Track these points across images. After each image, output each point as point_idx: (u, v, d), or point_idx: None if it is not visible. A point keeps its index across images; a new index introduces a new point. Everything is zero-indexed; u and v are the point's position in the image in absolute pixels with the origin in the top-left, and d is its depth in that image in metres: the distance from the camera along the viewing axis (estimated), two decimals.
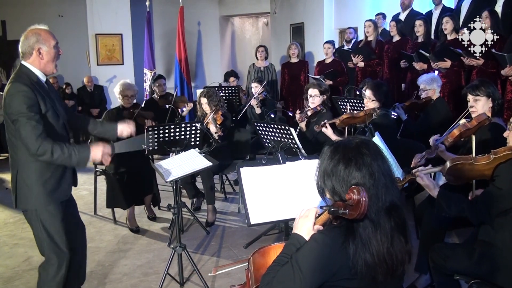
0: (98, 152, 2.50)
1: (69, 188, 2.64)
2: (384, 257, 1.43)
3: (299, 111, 4.34)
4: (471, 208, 2.28)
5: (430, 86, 4.50)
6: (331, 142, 1.58)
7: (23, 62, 2.48)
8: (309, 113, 4.23)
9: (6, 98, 2.36)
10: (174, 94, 5.60)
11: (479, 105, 2.98)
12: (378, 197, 1.44)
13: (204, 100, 4.64)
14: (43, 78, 2.52)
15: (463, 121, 2.99)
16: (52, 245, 2.53)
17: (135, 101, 4.51)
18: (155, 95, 5.88)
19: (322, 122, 3.85)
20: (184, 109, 5.37)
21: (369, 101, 3.83)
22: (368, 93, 3.84)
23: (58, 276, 2.56)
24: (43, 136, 2.34)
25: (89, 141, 4.23)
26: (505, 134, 2.40)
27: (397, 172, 2.80)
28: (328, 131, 3.83)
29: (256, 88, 5.59)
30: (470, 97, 3.05)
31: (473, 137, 2.76)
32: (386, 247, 1.44)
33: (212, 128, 4.46)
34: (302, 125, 4.28)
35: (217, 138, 4.46)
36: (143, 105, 4.99)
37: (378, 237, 1.43)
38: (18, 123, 2.33)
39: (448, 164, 2.40)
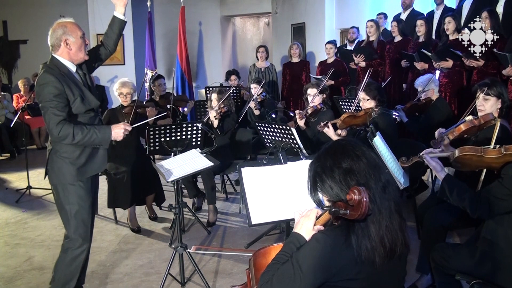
0: (119, 130, 2.65)
1: (102, 163, 2.75)
2: (382, 237, 1.44)
3: (299, 111, 4.33)
4: (472, 200, 2.27)
5: (428, 87, 4.51)
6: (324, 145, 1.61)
7: (53, 54, 2.61)
8: (309, 111, 4.22)
9: (36, 88, 2.53)
10: (173, 94, 5.59)
11: (488, 105, 2.93)
12: (375, 180, 1.47)
13: (214, 96, 4.74)
14: (73, 68, 2.64)
15: (470, 117, 2.96)
16: (76, 225, 2.63)
17: (135, 98, 4.49)
18: (154, 96, 5.87)
19: (323, 123, 3.84)
20: (185, 108, 5.36)
21: (365, 102, 3.85)
22: (361, 95, 3.87)
23: (76, 260, 2.67)
24: (64, 122, 2.49)
25: None
26: None
27: (399, 171, 2.79)
28: (330, 132, 3.81)
29: (255, 89, 5.56)
30: (480, 95, 3.00)
31: (497, 127, 2.59)
32: (384, 225, 1.45)
33: (212, 113, 4.52)
34: (301, 123, 4.27)
35: (215, 125, 4.49)
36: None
37: (377, 218, 1.45)
38: (44, 110, 2.50)
39: (457, 152, 2.38)
